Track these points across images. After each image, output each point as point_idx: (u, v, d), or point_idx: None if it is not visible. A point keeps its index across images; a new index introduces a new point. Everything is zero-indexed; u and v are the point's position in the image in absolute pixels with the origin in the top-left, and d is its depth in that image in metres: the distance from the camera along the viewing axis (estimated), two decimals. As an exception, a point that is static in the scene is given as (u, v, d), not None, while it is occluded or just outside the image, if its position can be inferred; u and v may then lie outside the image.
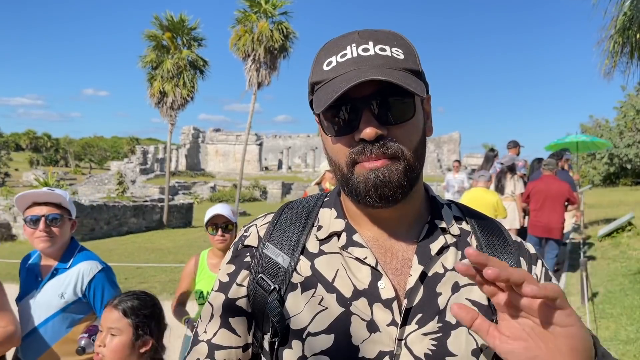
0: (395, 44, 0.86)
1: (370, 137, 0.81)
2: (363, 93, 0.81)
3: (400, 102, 0.83)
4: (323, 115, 0.86)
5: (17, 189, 31.86)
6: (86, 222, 15.32)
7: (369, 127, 0.81)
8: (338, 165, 0.87)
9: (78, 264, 2.27)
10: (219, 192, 40.37)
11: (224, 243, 2.96)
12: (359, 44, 0.84)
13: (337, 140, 0.86)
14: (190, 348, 0.96)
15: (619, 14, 6.28)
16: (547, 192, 7.17)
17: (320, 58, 0.87)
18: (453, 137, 62.09)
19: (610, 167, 33.45)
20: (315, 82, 0.87)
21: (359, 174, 0.84)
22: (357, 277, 0.87)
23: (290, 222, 0.96)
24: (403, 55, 0.85)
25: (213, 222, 2.97)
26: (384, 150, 0.82)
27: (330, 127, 0.86)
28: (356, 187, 0.85)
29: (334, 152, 0.88)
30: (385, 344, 0.84)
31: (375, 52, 0.83)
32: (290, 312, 0.87)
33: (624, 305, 5.92)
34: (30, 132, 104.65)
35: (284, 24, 19.68)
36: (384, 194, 0.83)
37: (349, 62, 0.83)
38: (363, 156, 0.83)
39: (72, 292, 2.21)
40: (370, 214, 0.91)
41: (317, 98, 0.85)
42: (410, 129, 0.85)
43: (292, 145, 64.90)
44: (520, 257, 0.95)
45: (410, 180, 0.85)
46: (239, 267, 0.95)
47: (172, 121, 21.30)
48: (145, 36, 20.61)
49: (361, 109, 0.82)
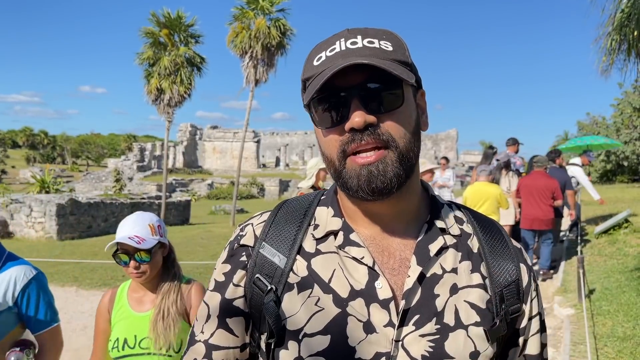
0: (384, 37, 0.86)
1: (359, 125, 0.80)
2: (350, 82, 0.82)
3: (388, 90, 0.83)
4: (314, 108, 0.86)
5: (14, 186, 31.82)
6: (83, 219, 15.29)
7: (357, 115, 0.80)
8: (331, 159, 0.87)
9: (8, 269, 2.01)
10: (216, 189, 40.36)
11: (141, 277, 2.06)
12: (347, 38, 0.85)
13: (329, 132, 0.85)
14: (187, 348, 0.95)
15: (616, 11, 6.29)
16: (533, 187, 7.49)
17: (311, 55, 0.88)
18: (450, 134, 62.16)
19: (607, 165, 33.53)
20: (306, 78, 0.87)
21: (350, 169, 0.83)
22: (354, 277, 0.86)
23: (286, 221, 0.94)
24: (392, 48, 0.85)
25: (122, 248, 2.05)
26: (375, 137, 0.82)
27: (321, 120, 0.86)
28: (347, 181, 0.84)
29: (326, 145, 0.87)
30: (382, 345, 0.83)
31: (364, 44, 0.84)
32: (286, 313, 0.86)
33: (620, 302, 5.93)
34: (27, 129, 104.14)
35: (282, 21, 19.62)
36: (377, 187, 0.82)
37: (337, 55, 0.83)
38: (353, 144, 0.82)
39: (2, 299, 1.96)
40: (367, 211, 0.90)
41: (307, 92, 0.85)
42: (400, 118, 0.84)
43: (290, 143, 64.89)
44: (520, 264, 0.95)
45: (406, 170, 0.85)
46: (235, 267, 0.94)
47: (169, 118, 21.24)
48: (143, 33, 20.52)
49: (350, 99, 0.82)
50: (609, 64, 6.89)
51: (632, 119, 30.62)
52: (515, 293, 0.92)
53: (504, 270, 0.92)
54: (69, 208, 14.73)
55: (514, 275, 0.93)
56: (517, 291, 0.92)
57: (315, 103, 0.85)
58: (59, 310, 2.20)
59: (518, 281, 0.93)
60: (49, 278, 8.61)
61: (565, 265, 8.54)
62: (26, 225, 14.60)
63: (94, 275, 8.86)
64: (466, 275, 0.90)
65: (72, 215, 14.87)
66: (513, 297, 0.92)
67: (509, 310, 0.91)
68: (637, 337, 4.82)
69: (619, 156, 31.87)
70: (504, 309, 0.90)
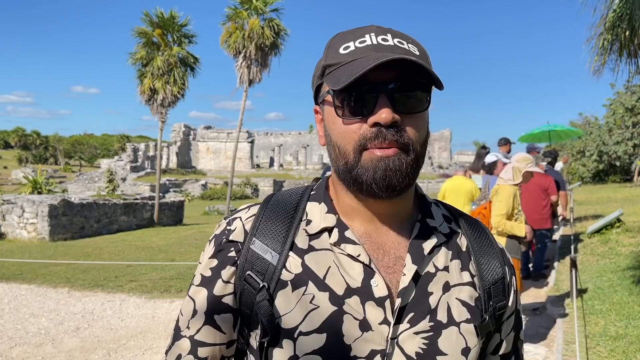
0: (410, 41, 0.86)
1: (387, 121, 0.79)
2: (382, 78, 0.80)
3: (417, 91, 0.83)
4: (336, 96, 0.84)
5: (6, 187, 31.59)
6: (76, 220, 15.19)
7: (385, 111, 0.79)
8: (344, 152, 0.84)
9: None
10: (210, 189, 40.28)
11: None
12: (377, 34, 0.84)
13: (348, 123, 0.83)
14: (172, 342, 0.94)
15: (608, 12, 6.32)
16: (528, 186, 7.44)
17: (336, 43, 0.86)
18: (444, 134, 62.33)
19: (599, 165, 33.72)
20: (329, 64, 0.85)
21: (367, 161, 0.82)
22: (350, 274, 0.86)
23: (276, 216, 0.92)
24: (418, 52, 0.85)
25: None
26: (398, 137, 0.81)
27: (343, 109, 0.83)
28: (362, 175, 0.82)
29: (341, 136, 0.84)
30: (377, 343, 0.83)
31: (394, 43, 0.83)
32: (280, 311, 0.85)
33: (612, 301, 5.97)
34: (19, 130, 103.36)
35: (275, 21, 19.62)
36: (391, 182, 0.81)
37: (369, 48, 0.82)
38: (376, 141, 0.80)
39: None
40: (365, 209, 0.89)
41: (333, 77, 0.83)
42: (421, 122, 0.84)
43: (284, 143, 64.84)
44: (505, 264, 0.98)
45: (415, 174, 0.85)
46: (224, 263, 0.91)
47: (162, 118, 21.17)
48: (136, 33, 20.43)
49: (379, 92, 0.80)
50: (600, 64, 6.93)
51: (625, 119, 30.80)
52: (502, 290, 0.95)
53: (491, 268, 0.95)
54: (62, 209, 14.63)
55: (500, 272, 0.96)
56: (503, 288, 0.95)
57: (339, 91, 0.82)
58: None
59: (504, 278, 0.96)
60: (41, 279, 8.54)
61: (558, 264, 8.59)
62: (18, 226, 14.49)
63: (87, 276, 8.81)
64: (457, 273, 0.92)
65: (65, 216, 14.78)
66: (500, 294, 0.94)
67: (496, 307, 0.93)
68: (629, 336, 4.85)
69: (611, 156, 32.05)
70: (492, 306, 0.92)
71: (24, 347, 5.48)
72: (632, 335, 4.87)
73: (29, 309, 6.82)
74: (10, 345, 5.50)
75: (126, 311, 6.87)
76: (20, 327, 6.12)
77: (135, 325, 6.26)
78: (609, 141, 31.57)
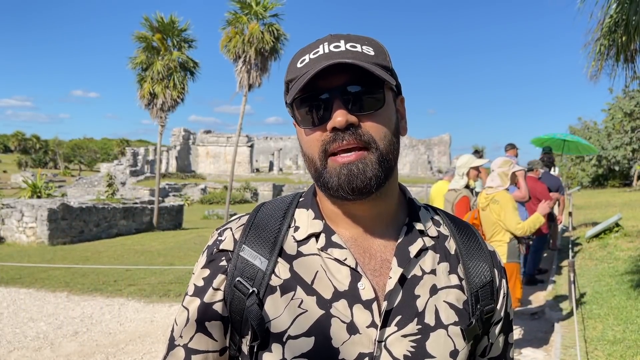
0: (366, 43, 0.88)
1: (341, 124, 0.82)
2: (333, 84, 0.84)
3: (369, 91, 0.85)
4: (297, 108, 0.88)
5: (6, 191, 31.56)
6: (75, 224, 15.18)
7: (339, 114, 0.82)
8: (312, 159, 0.88)
9: None
10: (209, 194, 40.24)
11: None
12: (330, 42, 0.87)
13: (311, 132, 0.87)
14: (167, 352, 0.96)
15: (604, 17, 6.35)
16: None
17: (295, 58, 0.90)
18: (443, 139, 62.32)
19: (598, 169, 33.78)
20: (289, 80, 0.89)
21: (331, 168, 0.85)
22: (337, 278, 0.87)
23: (266, 223, 0.94)
24: (373, 52, 0.87)
25: None
26: (356, 137, 0.83)
27: (304, 120, 0.88)
28: (328, 181, 0.86)
29: (307, 146, 0.89)
30: (365, 346, 0.85)
31: (346, 48, 0.86)
32: (269, 316, 0.87)
33: (611, 305, 5.97)
34: (18, 134, 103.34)
35: (275, 26, 19.65)
36: (357, 186, 0.84)
37: (321, 57, 0.85)
38: (335, 144, 0.84)
39: None
40: (348, 213, 0.91)
41: (292, 91, 0.87)
42: (381, 120, 0.86)
43: (283, 147, 64.82)
44: (494, 265, 0.99)
45: (385, 171, 0.86)
46: (215, 272, 0.93)
47: (162, 123, 21.18)
48: (135, 37, 20.47)
49: (332, 99, 0.84)
50: (598, 69, 6.95)
51: (623, 124, 30.87)
52: (490, 293, 0.96)
53: (479, 272, 0.96)
54: (61, 213, 14.63)
55: (489, 276, 0.96)
56: (491, 291, 0.96)
57: (298, 103, 0.87)
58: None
59: (492, 282, 0.97)
60: (40, 283, 8.53)
61: (556, 269, 8.60)
62: (17, 230, 14.48)
63: (86, 280, 8.82)
64: (444, 276, 0.93)
65: (64, 220, 14.77)
66: (487, 298, 0.95)
67: (483, 310, 0.94)
68: (627, 341, 4.85)
69: (610, 161, 32.10)
70: (479, 309, 0.93)
71: (22, 351, 5.48)
72: (630, 339, 4.88)
73: (27, 313, 6.82)
74: (8, 350, 5.50)
75: (125, 315, 6.87)
76: (19, 331, 6.12)
77: (134, 330, 6.26)
78: (608, 146, 31.62)
